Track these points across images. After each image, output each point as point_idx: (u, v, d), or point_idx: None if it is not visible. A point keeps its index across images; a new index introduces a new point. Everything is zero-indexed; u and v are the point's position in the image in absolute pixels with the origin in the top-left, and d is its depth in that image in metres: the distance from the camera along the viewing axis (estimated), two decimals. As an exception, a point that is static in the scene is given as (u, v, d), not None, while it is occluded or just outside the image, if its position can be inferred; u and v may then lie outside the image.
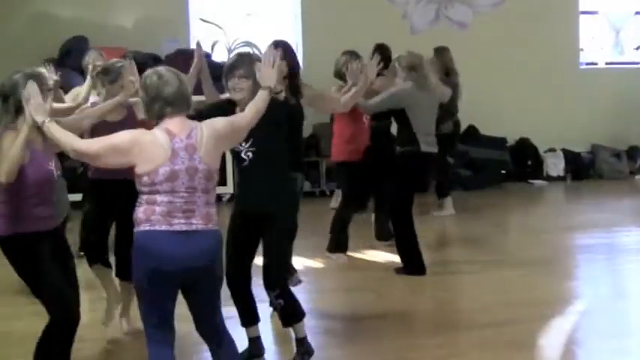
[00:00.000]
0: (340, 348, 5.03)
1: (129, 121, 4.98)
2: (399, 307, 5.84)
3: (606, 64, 12.45)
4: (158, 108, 3.53)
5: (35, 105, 3.68)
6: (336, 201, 9.03)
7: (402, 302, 6.01)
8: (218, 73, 4.65)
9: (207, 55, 9.67)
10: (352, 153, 6.95)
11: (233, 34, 10.49)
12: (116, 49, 9.26)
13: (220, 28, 10.42)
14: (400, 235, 6.65)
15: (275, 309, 4.56)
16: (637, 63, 12.49)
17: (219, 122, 3.68)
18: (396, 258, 7.01)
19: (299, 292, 5.91)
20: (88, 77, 5.89)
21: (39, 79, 3.86)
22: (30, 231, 3.82)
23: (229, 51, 10.31)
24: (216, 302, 3.77)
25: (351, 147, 6.95)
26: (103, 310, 5.37)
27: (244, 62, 4.29)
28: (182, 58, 8.87)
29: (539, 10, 11.61)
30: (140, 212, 3.51)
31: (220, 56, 10.17)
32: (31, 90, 3.70)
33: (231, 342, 3.85)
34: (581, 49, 12.31)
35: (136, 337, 5.18)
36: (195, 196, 3.52)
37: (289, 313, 4.58)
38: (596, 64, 12.43)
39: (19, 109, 3.81)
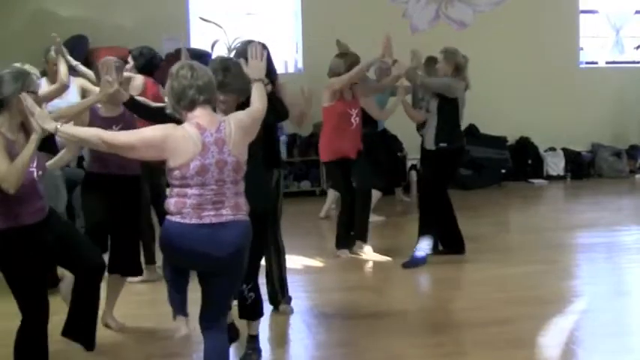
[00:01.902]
0: (340, 347, 5.02)
1: (126, 118, 5.01)
2: (399, 306, 5.84)
3: (606, 63, 12.43)
4: (191, 95, 3.59)
5: (40, 115, 3.72)
6: (326, 210, 9.06)
7: (402, 301, 6.01)
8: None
9: (208, 55, 9.68)
10: (336, 152, 7.02)
11: (233, 33, 10.47)
12: (116, 48, 9.27)
13: (220, 27, 10.39)
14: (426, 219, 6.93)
15: (245, 301, 4.61)
16: (637, 62, 12.47)
17: (242, 115, 3.79)
18: (396, 257, 7.02)
19: (299, 291, 5.93)
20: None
21: (25, 80, 3.90)
22: (19, 225, 3.88)
23: (229, 50, 10.29)
24: (230, 293, 3.88)
25: (335, 146, 7.01)
26: (100, 309, 5.36)
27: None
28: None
29: (539, 10, 11.61)
30: (171, 205, 3.61)
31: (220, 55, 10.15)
32: (29, 102, 3.74)
33: (225, 337, 3.87)
34: (581, 48, 12.30)
35: (134, 337, 5.19)
36: (225, 188, 3.62)
37: (254, 308, 4.66)
38: (596, 63, 12.41)
39: (1, 106, 3.86)
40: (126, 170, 5.02)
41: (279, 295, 5.60)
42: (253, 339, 4.72)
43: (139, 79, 6.31)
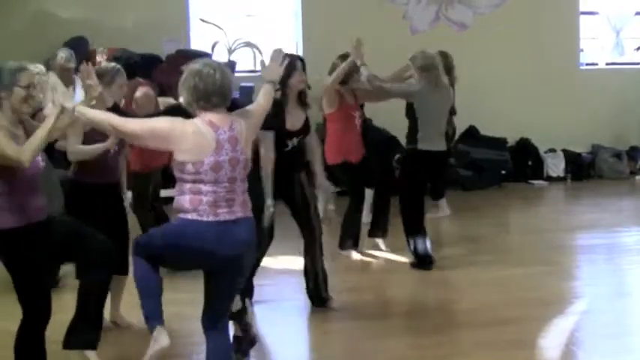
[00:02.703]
0: (340, 348, 5.03)
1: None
2: (399, 307, 5.84)
3: (606, 64, 12.42)
4: (214, 101, 3.61)
5: (63, 92, 3.84)
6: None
7: (402, 302, 6.01)
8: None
9: (208, 56, 9.68)
10: (342, 154, 6.99)
11: (233, 34, 10.48)
12: (116, 49, 9.27)
13: (220, 28, 10.40)
14: (407, 230, 6.81)
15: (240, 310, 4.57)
16: (637, 63, 12.45)
17: (249, 113, 3.81)
18: (395, 258, 7.02)
19: (298, 292, 5.92)
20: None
21: (18, 74, 3.91)
22: (27, 223, 3.90)
23: (229, 51, 10.30)
24: (235, 291, 3.87)
25: (342, 149, 6.99)
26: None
27: None
28: (182, 59, 8.90)
29: (539, 11, 11.60)
30: (186, 202, 3.59)
31: (220, 57, 10.16)
32: (54, 80, 3.88)
33: (227, 337, 3.86)
34: (582, 50, 12.29)
35: (134, 337, 5.19)
36: (235, 186, 3.64)
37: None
38: (596, 64, 12.41)
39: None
40: (109, 178, 5.09)
41: (323, 291, 5.68)
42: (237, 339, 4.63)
43: (149, 91, 6.26)
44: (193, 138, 3.54)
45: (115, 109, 4.76)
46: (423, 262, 6.74)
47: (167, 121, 3.63)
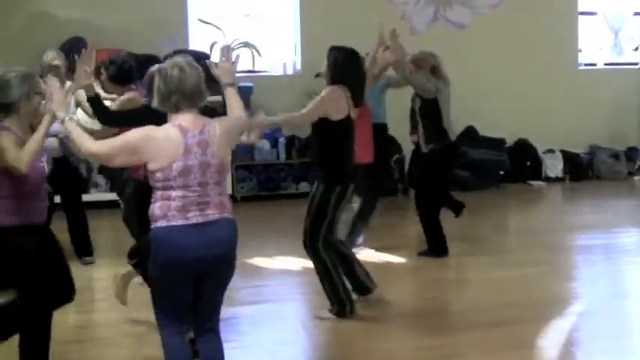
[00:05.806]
0: (339, 349, 5.02)
1: None
2: (397, 308, 5.83)
3: (605, 64, 12.43)
4: (175, 100, 3.57)
5: (58, 100, 3.78)
6: None
7: (400, 303, 6.00)
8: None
9: (206, 56, 9.67)
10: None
11: (232, 34, 10.46)
12: (115, 50, 9.26)
13: (219, 28, 10.37)
14: (427, 220, 7.05)
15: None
16: (635, 64, 12.46)
17: (228, 120, 3.75)
18: (394, 259, 7.02)
19: (297, 293, 5.92)
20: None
21: (33, 82, 4.00)
22: (29, 223, 3.95)
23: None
24: (222, 294, 3.82)
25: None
26: (99, 311, 5.37)
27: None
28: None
29: (538, 11, 11.60)
30: (156, 209, 3.56)
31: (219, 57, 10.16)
32: (52, 85, 3.83)
33: (219, 340, 3.85)
34: (580, 50, 12.30)
35: (134, 338, 5.19)
36: (208, 189, 3.58)
37: None
38: (594, 64, 12.42)
39: (8, 108, 3.94)
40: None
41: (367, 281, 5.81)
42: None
43: (137, 96, 6.09)
44: (163, 144, 3.49)
45: (98, 99, 4.72)
46: (445, 250, 7.05)
47: (137, 132, 3.55)
